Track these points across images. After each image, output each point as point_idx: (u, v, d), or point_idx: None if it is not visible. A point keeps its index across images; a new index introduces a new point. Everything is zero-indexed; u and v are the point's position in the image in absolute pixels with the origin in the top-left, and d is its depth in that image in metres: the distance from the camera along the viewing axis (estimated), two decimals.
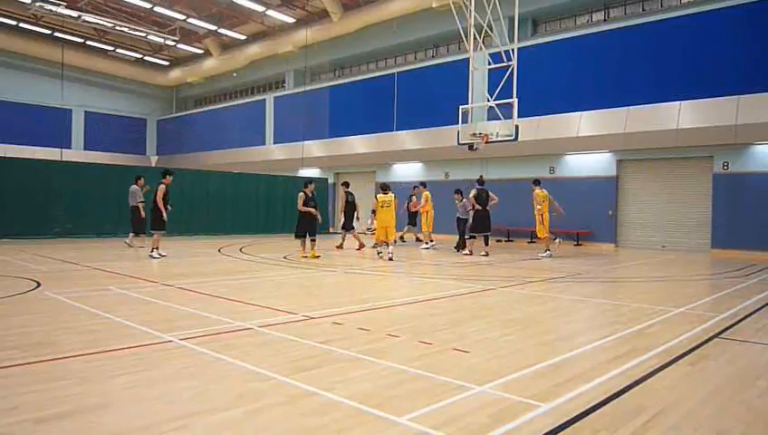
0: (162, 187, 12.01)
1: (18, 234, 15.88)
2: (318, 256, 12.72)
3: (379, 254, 13.13)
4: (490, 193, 14.81)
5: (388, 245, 12.91)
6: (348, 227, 15.53)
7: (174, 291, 7.70)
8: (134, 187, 14.34)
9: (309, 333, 5.26)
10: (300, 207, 12.73)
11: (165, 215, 12.07)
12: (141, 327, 5.29)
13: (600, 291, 8.91)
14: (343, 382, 3.77)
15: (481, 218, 14.54)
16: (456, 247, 15.85)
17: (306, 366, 4.15)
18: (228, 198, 21.48)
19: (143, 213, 13.88)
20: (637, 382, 3.89)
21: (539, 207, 14.36)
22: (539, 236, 14.79)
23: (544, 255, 14.40)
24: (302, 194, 12.80)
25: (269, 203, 22.89)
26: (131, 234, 14.58)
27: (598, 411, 3.32)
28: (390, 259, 12.56)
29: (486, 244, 15.01)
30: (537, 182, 14.85)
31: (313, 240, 12.81)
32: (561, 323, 6.18)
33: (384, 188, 13.48)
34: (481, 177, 15.74)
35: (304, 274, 10.20)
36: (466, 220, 15.45)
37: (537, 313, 6.66)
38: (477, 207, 14.46)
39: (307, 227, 12.80)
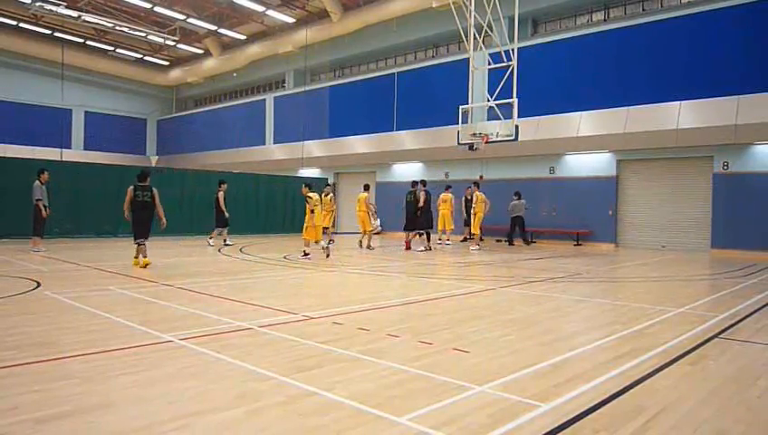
0: None
1: (18, 234, 15.87)
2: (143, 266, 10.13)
3: (306, 256, 12.32)
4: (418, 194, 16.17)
5: (318, 243, 12.66)
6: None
7: (174, 291, 7.70)
8: (36, 183, 12.74)
9: (309, 333, 5.26)
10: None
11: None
12: (141, 327, 5.30)
13: (600, 291, 8.91)
14: (343, 382, 3.77)
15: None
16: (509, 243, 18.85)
17: (306, 366, 4.15)
18: (228, 198, 21.43)
19: (44, 212, 12.65)
20: (637, 382, 3.89)
21: (472, 205, 16.66)
22: (473, 232, 16.80)
23: (475, 248, 16.12)
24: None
25: (269, 203, 22.88)
26: (35, 237, 12.84)
27: (598, 411, 3.32)
28: (328, 256, 12.61)
29: (429, 239, 16.25)
30: (477, 185, 17.04)
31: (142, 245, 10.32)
32: (561, 323, 6.17)
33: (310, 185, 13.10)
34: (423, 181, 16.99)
35: (304, 274, 10.20)
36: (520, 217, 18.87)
37: (537, 313, 6.66)
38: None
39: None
